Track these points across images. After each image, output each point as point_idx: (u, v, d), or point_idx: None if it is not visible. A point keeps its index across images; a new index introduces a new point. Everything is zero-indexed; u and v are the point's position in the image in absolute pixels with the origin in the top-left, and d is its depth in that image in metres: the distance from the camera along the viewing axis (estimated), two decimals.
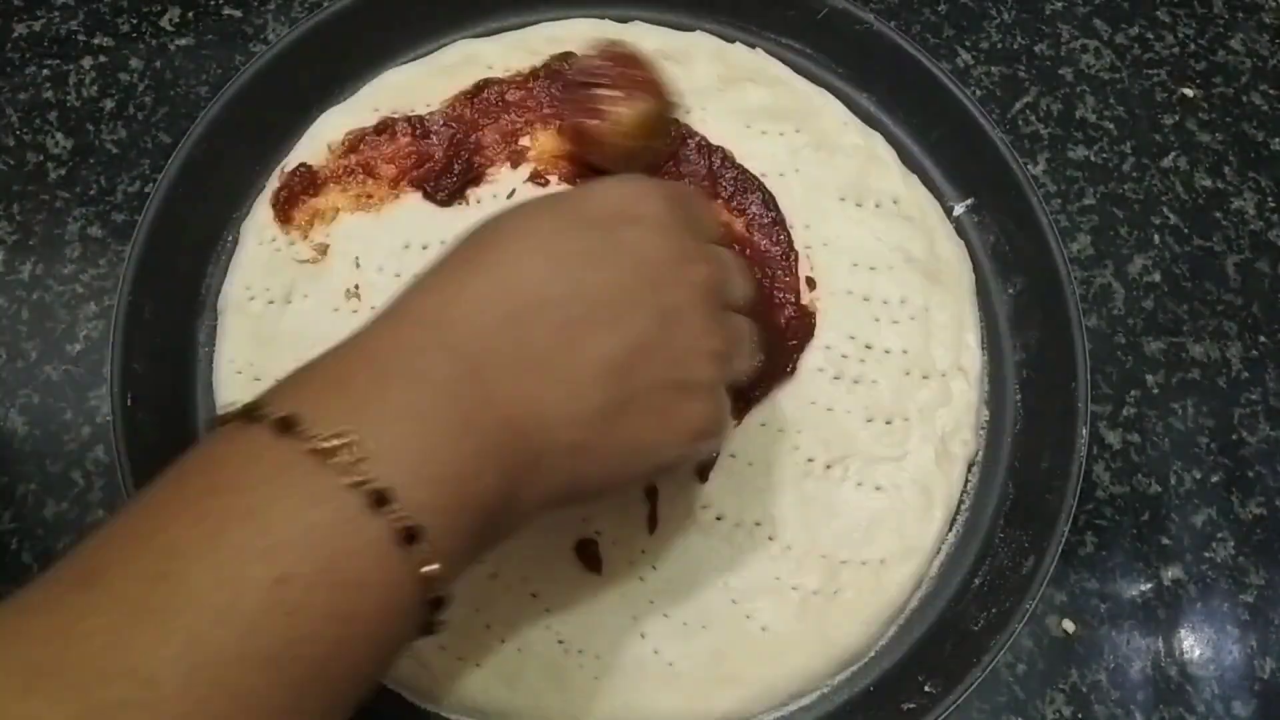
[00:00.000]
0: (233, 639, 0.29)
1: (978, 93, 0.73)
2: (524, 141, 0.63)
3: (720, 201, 0.62)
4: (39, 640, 0.29)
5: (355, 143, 0.63)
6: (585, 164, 0.61)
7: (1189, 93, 0.74)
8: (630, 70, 0.57)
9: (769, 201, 0.62)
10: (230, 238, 0.62)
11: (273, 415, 0.33)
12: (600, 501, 0.52)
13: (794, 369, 0.59)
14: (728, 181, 0.62)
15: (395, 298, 0.40)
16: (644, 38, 0.67)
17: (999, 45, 0.75)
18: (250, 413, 0.34)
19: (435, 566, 0.33)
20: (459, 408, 0.36)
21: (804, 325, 0.60)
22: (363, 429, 0.33)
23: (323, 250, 0.61)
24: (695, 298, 0.42)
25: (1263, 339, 0.67)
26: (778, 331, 0.59)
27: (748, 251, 0.61)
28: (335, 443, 0.32)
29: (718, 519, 0.56)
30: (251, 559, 0.30)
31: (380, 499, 0.32)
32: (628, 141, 0.57)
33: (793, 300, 0.60)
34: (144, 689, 0.28)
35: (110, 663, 0.28)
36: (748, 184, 0.62)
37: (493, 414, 0.36)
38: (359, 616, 0.32)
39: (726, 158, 0.63)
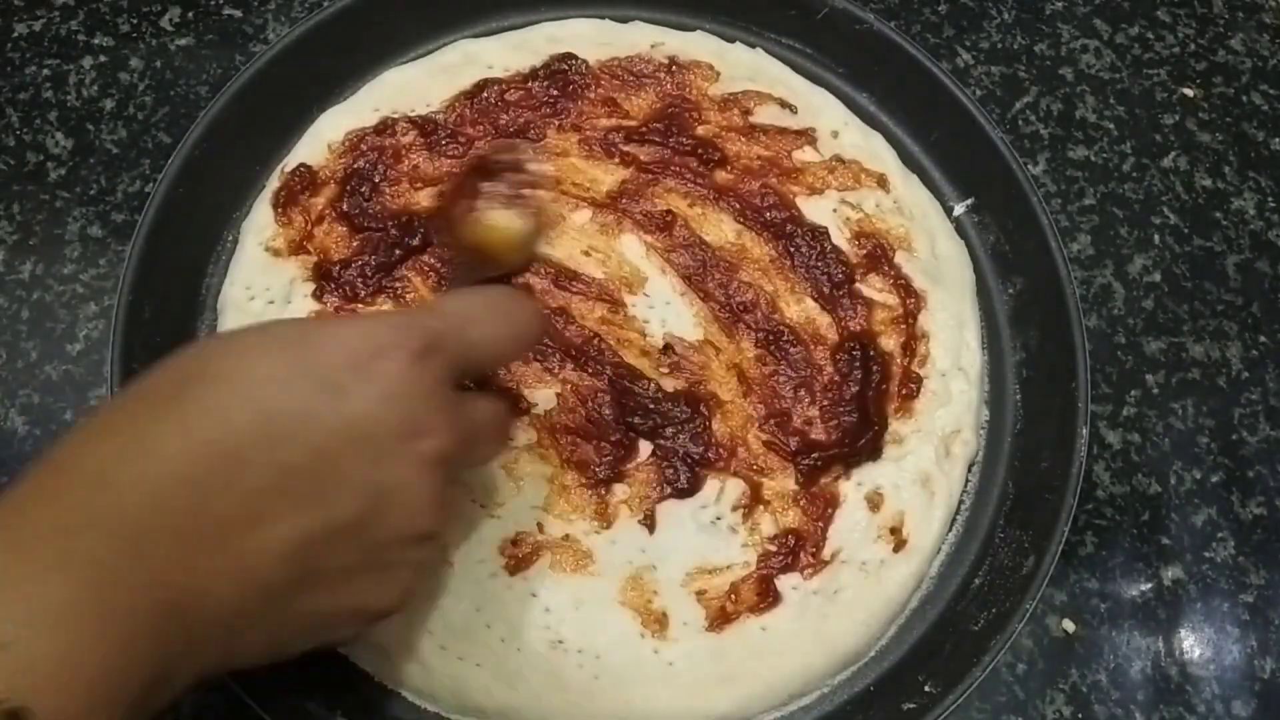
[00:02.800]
0: None
1: (978, 93, 0.73)
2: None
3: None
4: None
5: (355, 143, 0.63)
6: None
7: (1189, 93, 0.74)
8: (526, 179, 0.54)
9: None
10: (230, 238, 0.62)
11: None
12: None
13: None
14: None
15: (67, 439, 0.35)
16: (644, 37, 0.67)
17: (999, 45, 0.75)
18: None
19: None
20: (109, 599, 0.32)
21: None
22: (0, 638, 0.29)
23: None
24: (415, 475, 0.38)
25: (1263, 339, 0.67)
26: None
27: None
28: None
29: (717, 519, 0.56)
30: None
31: (14, 717, 0.29)
32: (475, 242, 0.53)
33: None
34: None
35: None
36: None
37: (148, 599, 0.32)
38: None
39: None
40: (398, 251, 0.60)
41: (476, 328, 0.43)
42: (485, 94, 0.65)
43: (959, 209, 0.66)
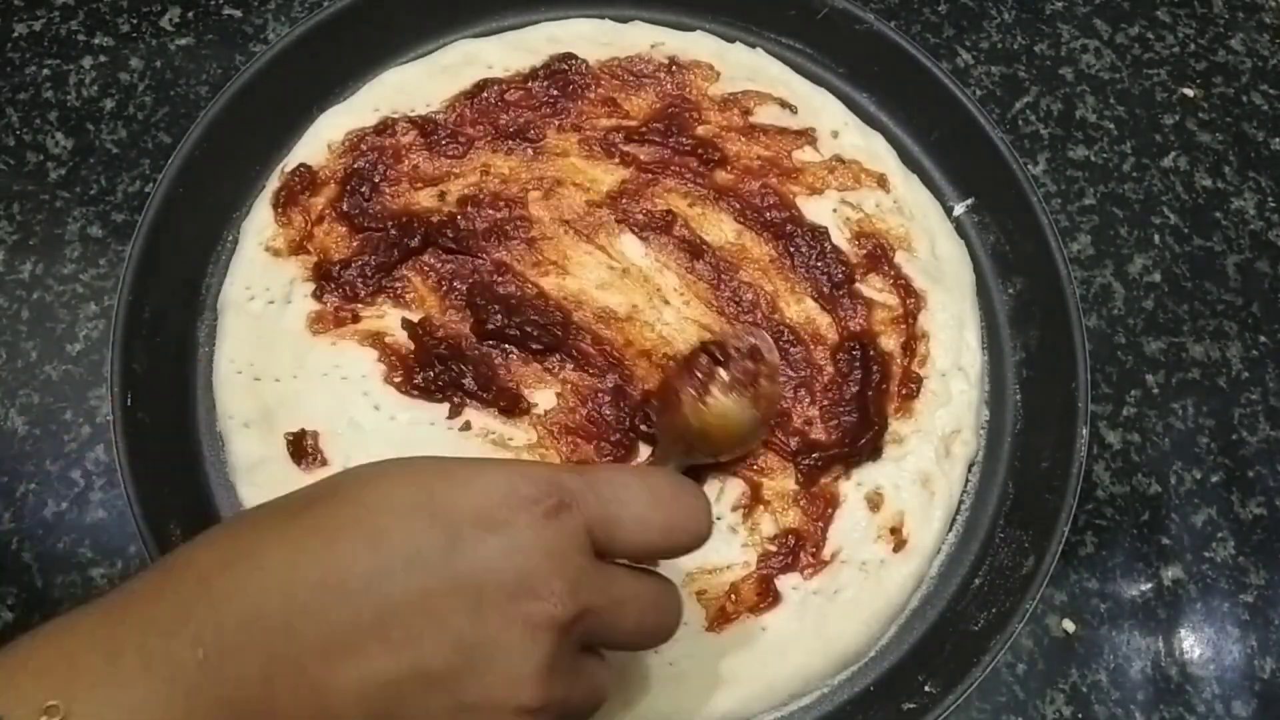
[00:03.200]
0: None
1: (978, 93, 0.73)
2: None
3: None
4: None
5: (355, 143, 0.63)
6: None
7: (1189, 93, 0.74)
8: (757, 369, 0.53)
9: None
10: (230, 238, 0.62)
11: None
12: None
13: None
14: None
15: (191, 541, 0.36)
16: (644, 37, 0.67)
17: (999, 45, 0.75)
18: None
19: None
20: (188, 707, 0.32)
21: None
22: None
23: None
24: (522, 639, 0.35)
25: (1263, 339, 0.67)
26: None
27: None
28: None
29: (717, 519, 0.56)
30: None
31: None
32: (698, 425, 0.53)
33: None
34: None
35: None
36: None
37: (224, 713, 0.33)
38: None
39: None
40: (397, 251, 0.60)
41: (626, 506, 0.39)
42: (485, 94, 0.65)
43: (959, 209, 0.66)
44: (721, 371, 0.52)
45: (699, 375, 0.52)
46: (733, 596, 0.54)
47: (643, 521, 0.39)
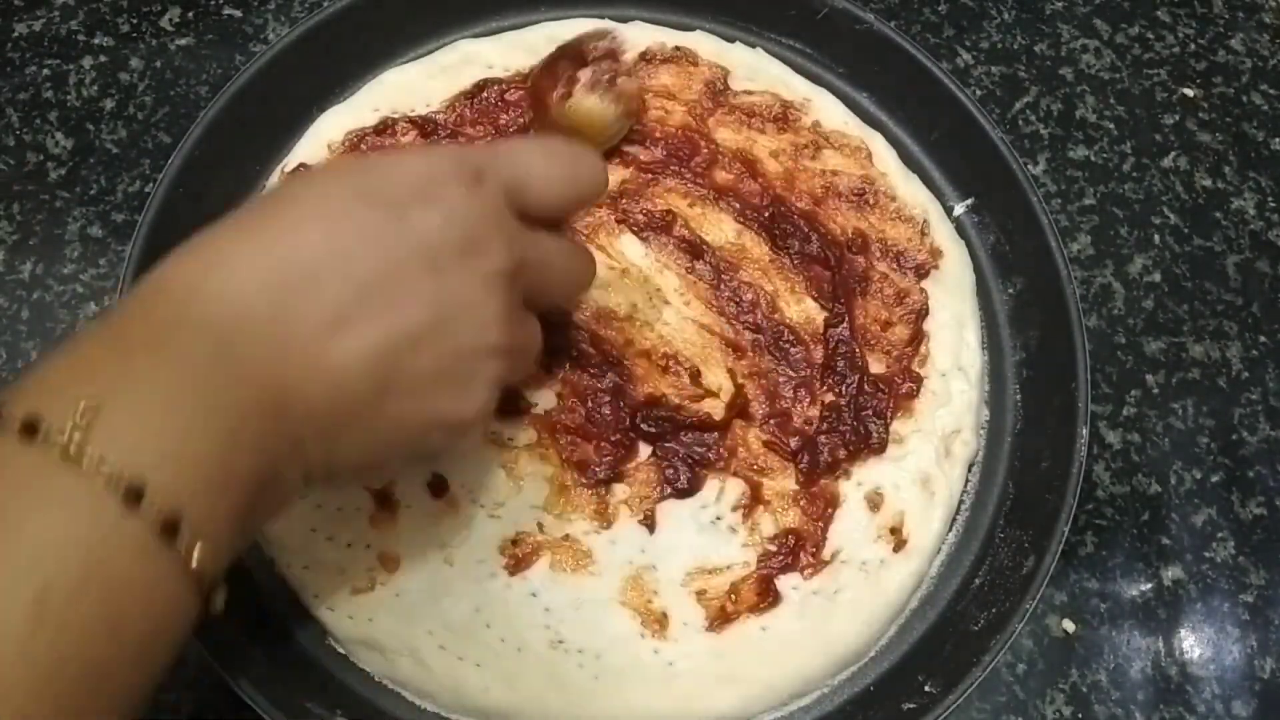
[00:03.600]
0: (2, 661, 0.28)
1: (978, 93, 0.73)
2: None
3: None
4: None
5: (355, 143, 0.63)
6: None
7: (1189, 93, 0.74)
8: (616, 66, 0.59)
9: None
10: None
11: (13, 420, 0.32)
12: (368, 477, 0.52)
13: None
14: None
15: (160, 263, 0.38)
16: (644, 37, 0.67)
17: (999, 45, 0.75)
18: None
19: (198, 555, 0.32)
20: (209, 389, 0.34)
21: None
22: (110, 421, 0.32)
23: None
24: (478, 290, 0.41)
25: (1263, 339, 0.67)
26: None
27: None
28: (80, 440, 0.31)
29: (717, 519, 0.56)
30: (11, 576, 0.29)
31: (134, 493, 0.31)
32: (567, 124, 0.59)
33: None
34: None
35: None
36: None
37: (246, 394, 0.35)
38: (130, 618, 0.31)
39: None
40: None
41: (530, 168, 0.45)
42: (485, 94, 0.65)
43: (959, 209, 0.66)
44: (581, 74, 0.58)
45: (563, 79, 0.58)
46: (733, 596, 0.54)
47: (547, 179, 0.45)
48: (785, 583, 0.55)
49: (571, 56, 0.59)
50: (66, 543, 0.30)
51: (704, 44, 0.68)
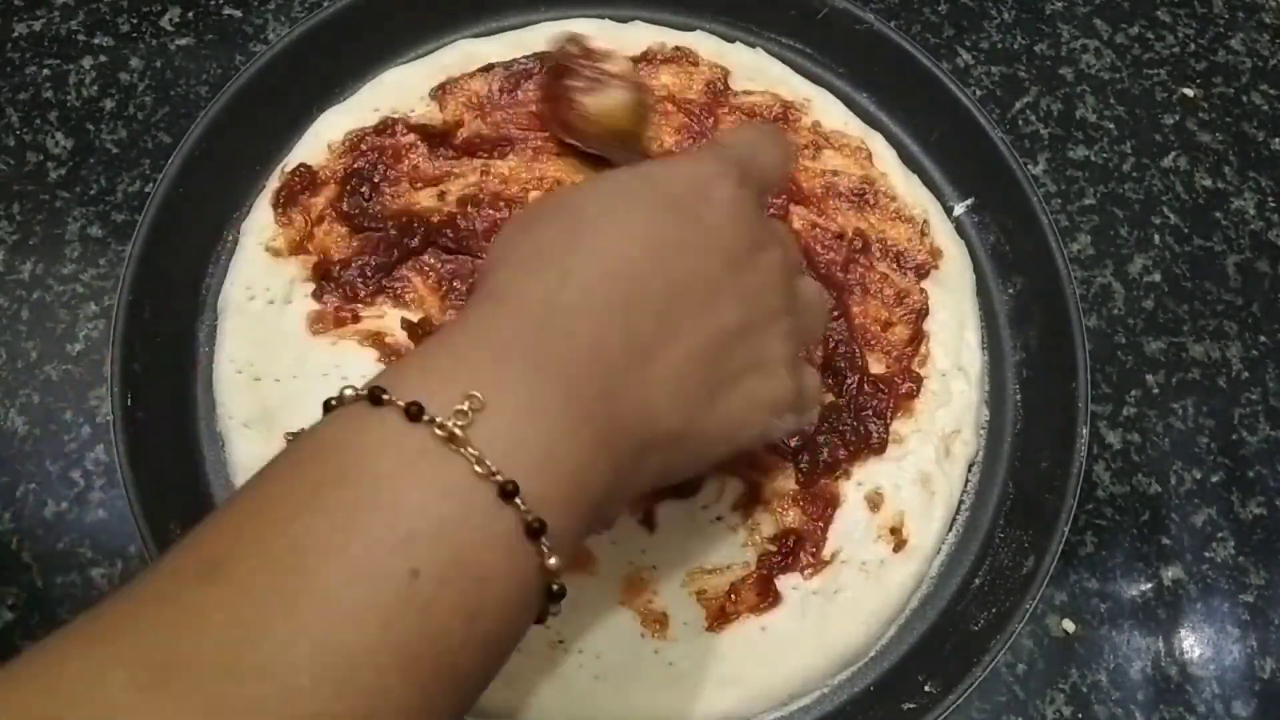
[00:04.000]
0: (366, 637, 0.28)
1: (978, 93, 0.73)
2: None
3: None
4: (162, 633, 0.28)
5: (355, 143, 0.63)
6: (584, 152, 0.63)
7: (1189, 93, 0.74)
8: (597, 63, 0.59)
9: None
10: (230, 238, 0.62)
11: (400, 400, 0.32)
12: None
13: None
14: None
15: (486, 282, 0.39)
16: (644, 37, 0.67)
17: (999, 45, 0.75)
18: (375, 396, 0.33)
19: (555, 559, 0.33)
20: (579, 400, 0.35)
21: None
22: (490, 420, 0.32)
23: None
24: (769, 280, 0.42)
25: (1263, 339, 0.67)
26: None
27: None
28: (463, 433, 0.32)
29: (717, 519, 0.56)
30: (385, 553, 0.29)
31: (508, 492, 0.32)
32: (600, 130, 0.59)
33: None
34: (275, 688, 0.27)
35: (239, 660, 0.27)
36: None
37: (607, 407, 0.36)
38: (487, 611, 0.31)
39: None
40: (397, 252, 0.60)
41: (762, 156, 0.47)
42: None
43: (959, 209, 0.66)
44: (572, 82, 0.58)
45: (562, 100, 0.59)
46: (733, 596, 0.54)
47: (774, 165, 0.48)
48: (785, 583, 0.55)
49: (557, 75, 0.60)
50: (442, 525, 0.31)
51: (704, 44, 0.68)
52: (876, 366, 0.60)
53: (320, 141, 0.64)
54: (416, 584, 0.29)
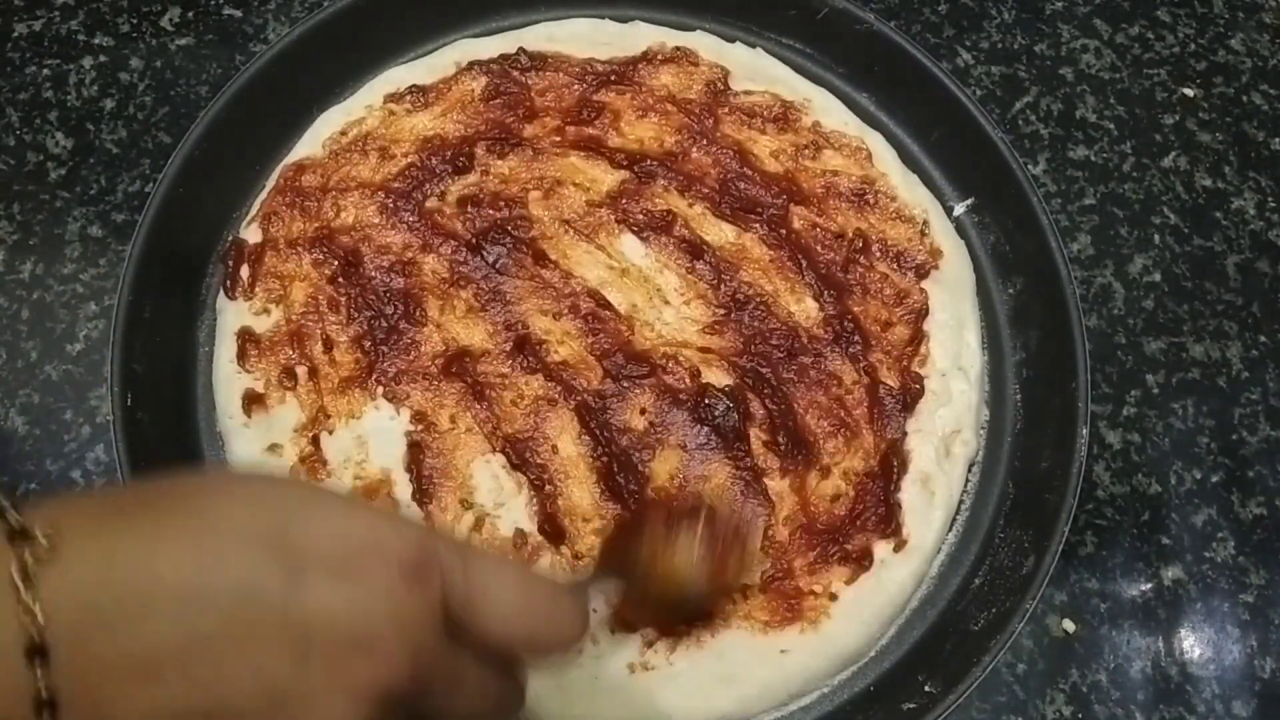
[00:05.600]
0: None
1: (978, 93, 0.73)
2: None
3: None
4: None
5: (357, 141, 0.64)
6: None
7: (1189, 93, 0.74)
8: (730, 552, 0.50)
9: None
10: (230, 238, 0.62)
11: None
12: None
13: None
14: None
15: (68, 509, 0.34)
16: (644, 37, 0.67)
17: (999, 45, 0.75)
18: None
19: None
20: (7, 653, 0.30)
21: None
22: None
23: None
24: (339, 701, 0.33)
25: (1263, 339, 0.67)
26: None
27: None
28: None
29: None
30: None
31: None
32: (637, 571, 0.49)
33: None
34: None
35: None
36: None
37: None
38: None
39: None
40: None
41: (493, 597, 0.37)
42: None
43: (959, 209, 0.65)
44: (692, 538, 0.49)
45: (670, 529, 0.49)
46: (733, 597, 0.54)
47: (505, 619, 0.38)
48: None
49: (696, 517, 0.50)
50: None
51: (704, 44, 0.68)
52: (888, 377, 0.60)
53: (319, 141, 0.64)
54: None
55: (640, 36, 0.67)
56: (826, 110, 0.66)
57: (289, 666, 0.32)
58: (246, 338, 0.58)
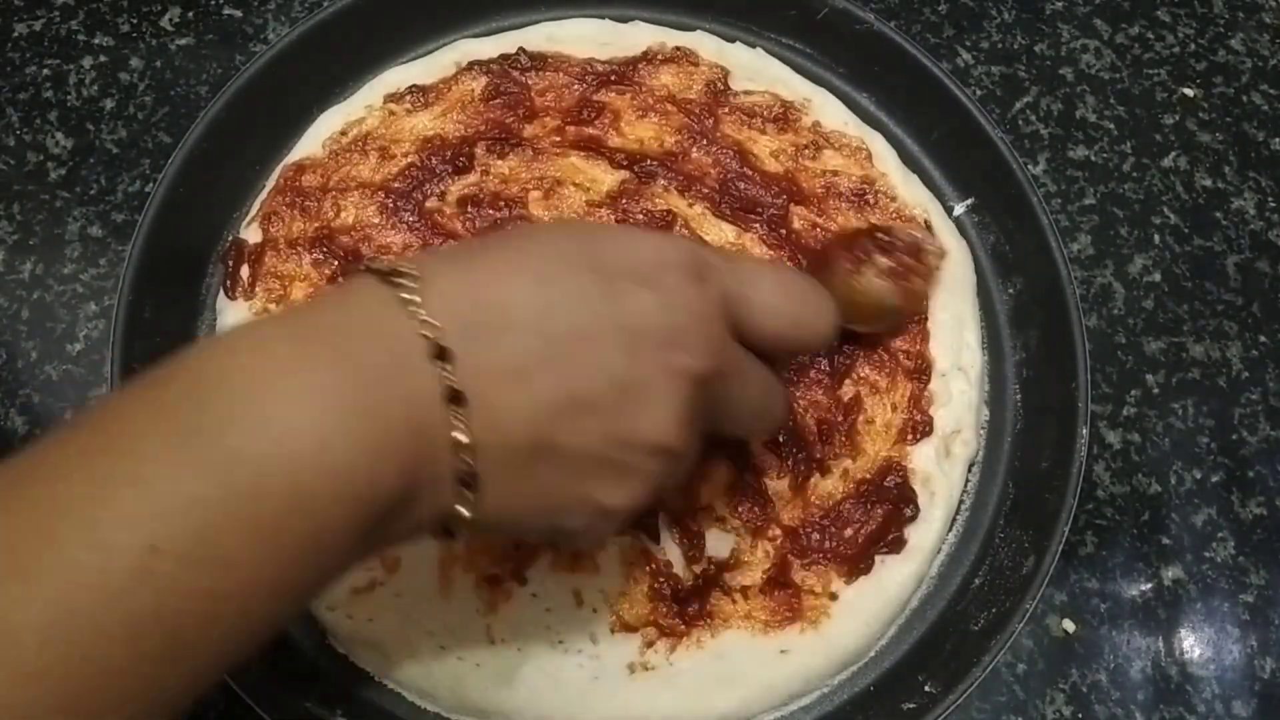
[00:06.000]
0: (95, 606, 0.29)
1: (978, 93, 0.73)
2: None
3: None
4: None
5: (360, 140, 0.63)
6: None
7: (1189, 92, 0.74)
8: (915, 265, 0.57)
9: None
10: (230, 238, 0.62)
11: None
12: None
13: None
14: None
15: (381, 261, 0.39)
16: (644, 37, 0.67)
17: (999, 45, 0.75)
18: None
19: (465, 436, 0.34)
20: (374, 398, 0.34)
21: None
22: (274, 396, 0.33)
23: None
24: (667, 385, 0.39)
25: (1263, 339, 0.67)
26: None
27: None
28: (232, 415, 0.32)
29: (718, 519, 0.56)
30: (127, 526, 0.30)
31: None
32: (842, 293, 0.54)
33: None
34: (2, 643, 0.28)
35: None
36: None
37: (404, 411, 0.35)
38: (228, 595, 0.31)
39: None
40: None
41: (759, 291, 0.43)
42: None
43: (959, 209, 0.66)
44: (881, 258, 0.55)
45: (860, 253, 0.55)
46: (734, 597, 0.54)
47: (772, 309, 0.44)
48: None
49: (879, 239, 0.57)
50: (190, 507, 0.31)
51: (704, 44, 0.68)
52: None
53: (319, 141, 0.64)
54: (154, 560, 0.30)
55: (640, 36, 0.67)
56: (826, 110, 0.66)
57: (624, 359, 0.38)
58: None
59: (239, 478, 0.31)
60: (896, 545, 0.56)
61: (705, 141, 0.64)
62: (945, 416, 0.59)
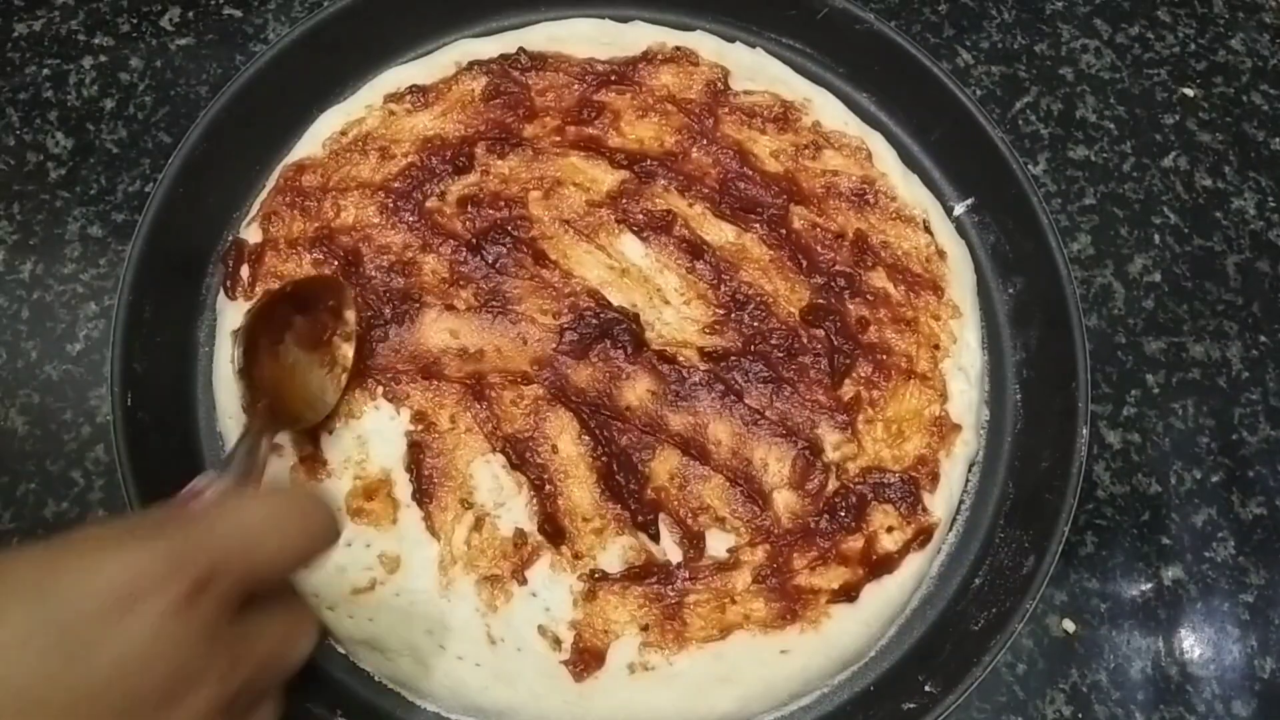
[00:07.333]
0: None
1: (978, 93, 0.73)
2: None
3: None
4: None
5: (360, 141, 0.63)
6: None
7: (1189, 92, 0.74)
8: (336, 329, 0.54)
9: None
10: (230, 238, 0.62)
11: None
12: None
13: None
14: None
15: None
16: (644, 37, 0.67)
17: (999, 45, 0.75)
18: None
19: None
20: None
21: None
22: None
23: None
24: None
25: (1263, 339, 0.67)
26: None
27: None
28: None
29: (718, 519, 0.56)
30: None
31: None
32: (268, 385, 0.52)
33: None
34: None
35: None
36: None
37: None
38: None
39: None
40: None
41: (263, 545, 0.38)
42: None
43: (959, 209, 0.65)
44: (299, 318, 0.52)
45: (275, 325, 0.52)
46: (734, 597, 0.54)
47: (279, 552, 0.38)
48: None
49: (291, 302, 0.53)
50: None
51: (704, 44, 0.68)
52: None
53: (319, 141, 0.64)
54: None
55: (640, 36, 0.67)
56: (826, 110, 0.66)
57: None
58: None
59: None
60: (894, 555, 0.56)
61: (705, 141, 0.64)
62: (946, 416, 0.59)
